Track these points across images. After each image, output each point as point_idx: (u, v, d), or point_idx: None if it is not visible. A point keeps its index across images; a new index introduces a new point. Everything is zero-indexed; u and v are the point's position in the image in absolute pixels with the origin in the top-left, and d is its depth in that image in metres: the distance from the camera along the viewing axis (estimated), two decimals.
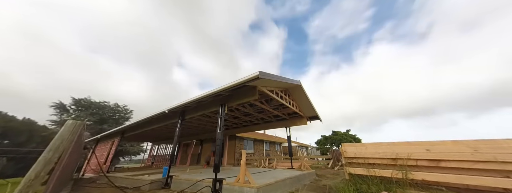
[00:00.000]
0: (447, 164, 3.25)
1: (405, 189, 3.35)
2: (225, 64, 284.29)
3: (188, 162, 15.75)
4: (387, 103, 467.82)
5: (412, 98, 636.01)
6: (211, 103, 6.31)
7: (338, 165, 11.52)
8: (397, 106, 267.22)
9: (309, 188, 5.20)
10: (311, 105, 8.18)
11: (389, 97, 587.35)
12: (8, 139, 17.91)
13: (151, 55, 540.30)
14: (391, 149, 3.89)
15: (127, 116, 27.64)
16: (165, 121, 8.33)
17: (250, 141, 17.25)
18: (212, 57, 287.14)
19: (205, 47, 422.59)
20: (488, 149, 2.95)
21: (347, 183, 4.06)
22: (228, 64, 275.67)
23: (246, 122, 10.73)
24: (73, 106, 23.58)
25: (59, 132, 2.62)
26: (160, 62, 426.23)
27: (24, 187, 2.07)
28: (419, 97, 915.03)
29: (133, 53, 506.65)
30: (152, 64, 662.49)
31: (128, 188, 5.89)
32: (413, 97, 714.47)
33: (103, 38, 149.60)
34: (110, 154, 11.37)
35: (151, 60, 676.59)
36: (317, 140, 33.60)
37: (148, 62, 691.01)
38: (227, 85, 4.84)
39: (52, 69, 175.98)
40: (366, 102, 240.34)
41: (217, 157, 4.63)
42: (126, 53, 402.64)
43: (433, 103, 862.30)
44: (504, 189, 2.77)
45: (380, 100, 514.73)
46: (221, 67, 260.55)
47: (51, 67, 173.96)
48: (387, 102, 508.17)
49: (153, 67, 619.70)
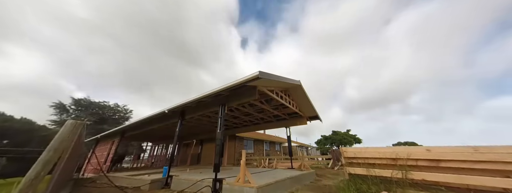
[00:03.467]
0: (447, 164, 3.24)
1: (405, 189, 3.35)
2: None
3: (188, 162, 15.75)
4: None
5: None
6: (211, 103, 6.32)
7: (338, 165, 11.53)
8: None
9: (309, 188, 5.21)
10: (311, 105, 8.17)
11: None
12: (8, 139, 17.91)
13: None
14: (391, 149, 3.89)
15: (127, 116, 27.63)
16: (165, 121, 8.33)
17: (250, 141, 17.25)
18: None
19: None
20: (488, 149, 2.96)
21: (347, 183, 4.06)
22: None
23: (246, 122, 10.73)
24: (73, 106, 23.56)
25: (59, 132, 2.62)
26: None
27: (24, 187, 2.07)
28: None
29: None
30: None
31: (128, 188, 5.89)
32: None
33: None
34: (110, 154, 11.37)
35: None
36: (317, 140, 33.64)
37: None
38: (227, 85, 4.84)
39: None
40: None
41: (217, 157, 4.64)
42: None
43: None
44: (504, 189, 2.77)
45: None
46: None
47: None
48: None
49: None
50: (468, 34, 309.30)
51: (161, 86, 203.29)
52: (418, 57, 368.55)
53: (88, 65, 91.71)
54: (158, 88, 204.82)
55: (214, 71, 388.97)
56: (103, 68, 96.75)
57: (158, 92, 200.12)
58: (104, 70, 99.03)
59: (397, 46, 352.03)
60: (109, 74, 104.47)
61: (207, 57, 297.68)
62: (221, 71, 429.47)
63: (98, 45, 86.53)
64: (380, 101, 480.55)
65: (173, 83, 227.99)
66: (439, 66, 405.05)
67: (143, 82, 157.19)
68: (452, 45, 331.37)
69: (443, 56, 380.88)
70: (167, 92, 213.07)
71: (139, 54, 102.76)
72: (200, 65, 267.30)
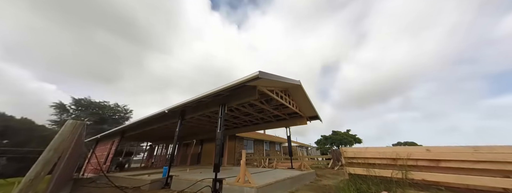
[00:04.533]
0: (447, 164, 3.25)
1: (405, 189, 3.35)
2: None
3: (188, 162, 15.75)
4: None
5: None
6: (211, 103, 6.32)
7: (338, 165, 11.53)
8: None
9: (309, 188, 5.21)
10: (311, 105, 8.17)
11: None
12: (8, 139, 17.93)
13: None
14: (391, 149, 3.89)
15: (127, 116, 27.65)
16: (165, 121, 8.33)
17: (250, 141, 17.25)
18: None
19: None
20: (488, 149, 2.96)
21: (347, 183, 4.06)
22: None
23: (246, 122, 10.73)
24: (73, 106, 23.58)
25: (59, 132, 2.62)
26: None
27: (24, 187, 2.07)
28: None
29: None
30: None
31: (128, 188, 5.89)
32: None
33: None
34: (110, 154, 11.37)
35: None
36: (317, 140, 33.64)
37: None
38: (227, 85, 4.84)
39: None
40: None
41: (217, 157, 4.64)
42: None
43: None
44: (504, 189, 2.78)
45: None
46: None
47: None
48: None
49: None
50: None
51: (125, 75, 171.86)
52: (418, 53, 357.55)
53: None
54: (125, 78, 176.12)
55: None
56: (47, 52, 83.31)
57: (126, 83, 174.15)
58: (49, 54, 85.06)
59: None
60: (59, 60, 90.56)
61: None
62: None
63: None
64: (380, 93, 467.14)
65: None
66: (441, 61, 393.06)
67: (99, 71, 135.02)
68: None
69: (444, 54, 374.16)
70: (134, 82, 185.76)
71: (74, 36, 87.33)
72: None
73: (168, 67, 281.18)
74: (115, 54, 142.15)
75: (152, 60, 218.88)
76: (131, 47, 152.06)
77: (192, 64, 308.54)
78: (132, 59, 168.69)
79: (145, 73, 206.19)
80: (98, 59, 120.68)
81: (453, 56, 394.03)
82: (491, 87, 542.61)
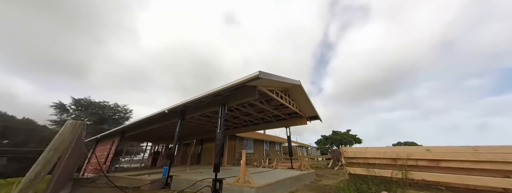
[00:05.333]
0: (447, 164, 3.25)
1: (405, 189, 3.35)
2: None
3: (188, 162, 15.75)
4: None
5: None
6: (211, 103, 6.32)
7: (338, 165, 11.53)
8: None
9: (309, 188, 5.21)
10: (311, 105, 8.17)
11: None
12: (8, 139, 17.91)
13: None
14: (391, 149, 3.90)
15: (127, 116, 27.62)
16: (165, 121, 8.33)
17: (250, 141, 17.25)
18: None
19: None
20: (488, 149, 2.96)
21: (347, 183, 4.06)
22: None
23: (246, 122, 10.73)
24: (73, 106, 23.56)
25: (59, 132, 2.62)
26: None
27: (24, 187, 2.07)
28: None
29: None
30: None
31: (128, 188, 5.89)
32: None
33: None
34: (110, 154, 11.37)
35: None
36: (317, 140, 33.63)
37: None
38: (227, 85, 4.84)
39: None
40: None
41: (217, 157, 4.64)
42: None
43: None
44: (504, 189, 2.78)
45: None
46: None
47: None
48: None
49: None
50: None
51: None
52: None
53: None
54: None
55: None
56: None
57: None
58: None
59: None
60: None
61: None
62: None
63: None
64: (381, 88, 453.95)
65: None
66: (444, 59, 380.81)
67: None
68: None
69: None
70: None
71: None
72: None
73: (137, 55, 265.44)
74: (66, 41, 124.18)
75: (114, 49, 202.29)
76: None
77: (164, 47, 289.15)
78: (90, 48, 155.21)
79: (112, 63, 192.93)
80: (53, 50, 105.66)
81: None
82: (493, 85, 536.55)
